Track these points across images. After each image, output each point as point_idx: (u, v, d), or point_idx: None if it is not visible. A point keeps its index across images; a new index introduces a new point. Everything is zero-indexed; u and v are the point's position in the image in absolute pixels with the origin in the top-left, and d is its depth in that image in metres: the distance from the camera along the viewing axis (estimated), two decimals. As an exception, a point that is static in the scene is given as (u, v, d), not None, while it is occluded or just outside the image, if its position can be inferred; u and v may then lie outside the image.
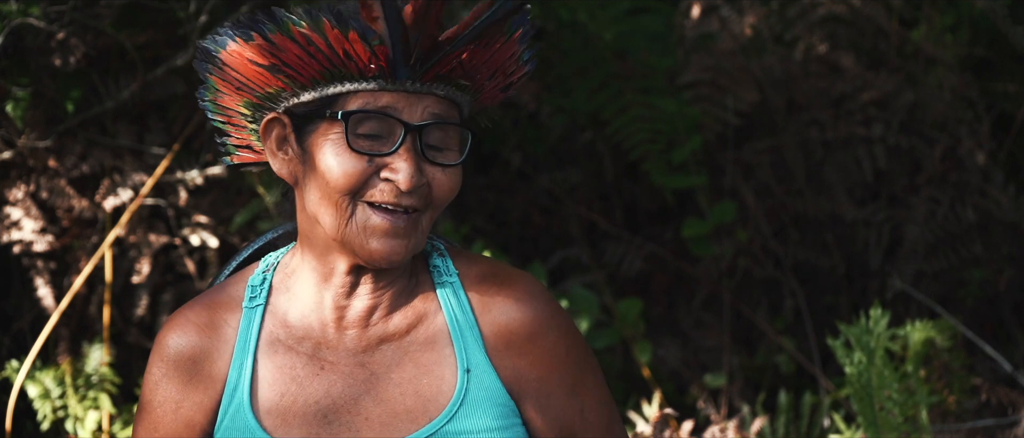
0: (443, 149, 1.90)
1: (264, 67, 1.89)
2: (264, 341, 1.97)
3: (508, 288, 1.97)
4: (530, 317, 1.95)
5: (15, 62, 3.69)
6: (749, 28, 4.83)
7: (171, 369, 1.98)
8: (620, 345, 4.48)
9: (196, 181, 4.00)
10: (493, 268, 2.00)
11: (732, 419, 4.14)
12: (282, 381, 1.95)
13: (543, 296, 1.97)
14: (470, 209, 4.76)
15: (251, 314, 1.99)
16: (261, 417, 1.94)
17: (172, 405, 1.97)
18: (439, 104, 1.89)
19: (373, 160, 1.86)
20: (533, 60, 1.98)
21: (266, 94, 1.92)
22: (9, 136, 3.84)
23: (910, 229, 4.61)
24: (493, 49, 1.90)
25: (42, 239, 3.91)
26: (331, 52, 1.85)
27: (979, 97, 4.66)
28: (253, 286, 2.01)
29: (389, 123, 1.86)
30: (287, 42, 1.86)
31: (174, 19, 3.87)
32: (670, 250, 4.74)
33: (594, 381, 2.01)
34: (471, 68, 1.90)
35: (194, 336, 1.98)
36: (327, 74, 1.87)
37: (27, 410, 3.92)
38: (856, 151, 4.69)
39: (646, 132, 4.46)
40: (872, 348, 3.39)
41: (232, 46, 1.90)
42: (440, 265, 1.99)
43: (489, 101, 1.98)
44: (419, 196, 1.88)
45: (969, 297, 4.59)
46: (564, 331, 1.98)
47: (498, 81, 1.95)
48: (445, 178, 1.90)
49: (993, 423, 3.87)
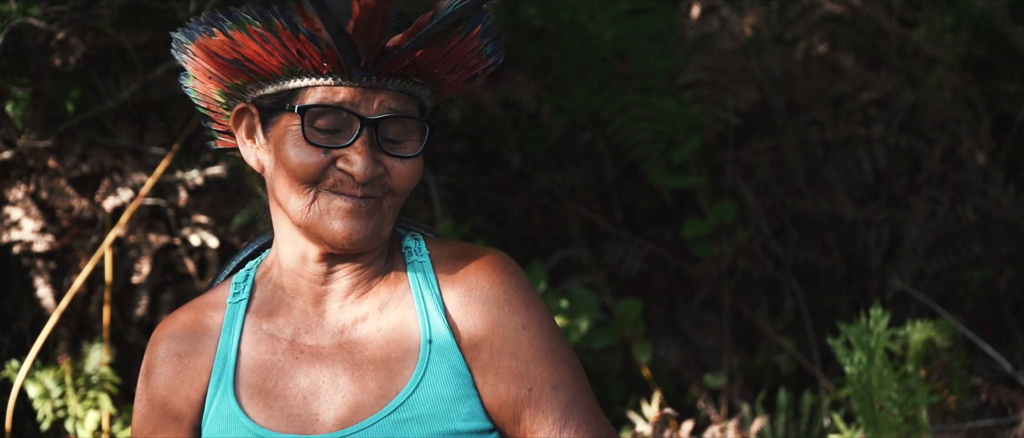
0: (402, 141, 1.95)
1: (228, 62, 1.96)
2: (247, 332, 2.03)
3: (475, 261, 2.00)
4: (488, 283, 1.98)
5: (15, 62, 3.69)
6: (749, 28, 4.83)
7: (158, 366, 2.06)
8: (620, 345, 4.48)
9: (196, 181, 4.00)
10: (465, 248, 2.04)
11: (732, 419, 4.14)
12: (264, 367, 2.01)
13: (509, 270, 2.00)
14: (470, 209, 4.76)
15: (235, 308, 2.05)
16: (244, 403, 1.99)
17: (161, 400, 2.04)
18: (396, 98, 1.93)
19: (330, 151, 1.92)
20: (500, 53, 2.01)
21: (234, 85, 1.98)
22: (9, 136, 3.83)
23: (910, 229, 4.61)
24: (448, 46, 1.94)
25: (42, 239, 3.91)
26: (286, 50, 1.91)
27: (979, 97, 4.66)
28: (237, 283, 2.08)
29: (346, 117, 1.91)
30: (246, 39, 1.92)
31: (174, 19, 3.86)
32: (670, 250, 4.74)
33: (551, 362, 1.97)
34: (426, 66, 1.94)
35: (180, 333, 2.06)
36: (286, 70, 1.93)
37: (27, 410, 3.92)
38: (856, 151, 4.69)
39: (646, 132, 4.46)
40: (872, 348, 3.39)
41: (200, 39, 1.96)
42: (412, 246, 2.04)
43: (453, 93, 2.02)
44: (376, 185, 1.93)
45: (969, 297, 4.59)
46: (523, 304, 1.98)
47: (460, 75, 1.99)
48: (404, 168, 1.95)
49: (993, 423, 3.87)
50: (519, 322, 1.97)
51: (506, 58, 2.03)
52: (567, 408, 1.96)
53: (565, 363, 1.98)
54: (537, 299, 2.00)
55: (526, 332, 1.97)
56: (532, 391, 1.95)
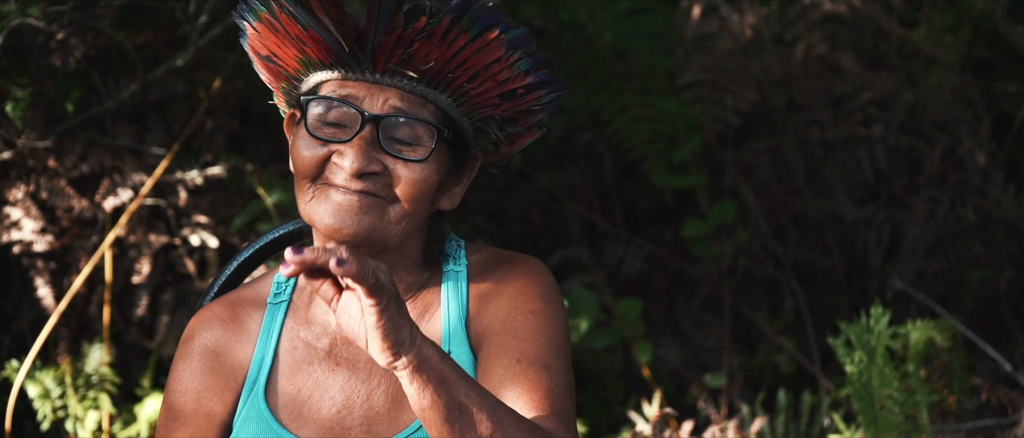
0: (413, 144, 1.88)
1: (263, 58, 1.94)
2: (285, 337, 1.99)
3: (508, 264, 1.97)
4: (511, 279, 1.95)
5: (15, 62, 3.69)
6: (749, 28, 4.83)
7: (194, 361, 2.00)
8: (620, 345, 4.48)
9: (196, 181, 4.00)
10: (505, 254, 2.00)
11: (732, 419, 4.14)
12: (300, 377, 1.97)
13: (537, 271, 1.96)
14: (470, 209, 4.76)
15: (275, 310, 2.01)
16: (278, 411, 1.96)
17: (193, 396, 1.99)
18: (405, 99, 1.88)
19: (327, 145, 1.87)
20: (544, 72, 1.94)
21: (282, 88, 1.97)
22: (9, 136, 3.83)
23: (910, 229, 4.61)
24: (455, 46, 1.87)
25: (42, 239, 3.91)
26: (291, 38, 1.88)
27: (979, 97, 4.66)
28: (278, 283, 2.04)
29: (350, 113, 1.87)
30: (265, 30, 1.90)
31: (174, 19, 3.87)
32: (670, 250, 4.74)
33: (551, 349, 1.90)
34: (427, 61, 1.87)
35: (218, 330, 2.01)
36: (302, 62, 1.90)
37: (27, 410, 3.92)
38: (856, 151, 4.69)
39: (646, 132, 4.46)
40: (873, 347, 3.39)
41: (248, 39, 1.95)
42: (451, 255, 2.00)
43: (491, 110, 1.94)
44: (373, 183, 1.87)
45: (969, 297, 4.59)
46: (539, 297, 1.93)
47: (487, 87, 1.92)
48: (407, 172, 1.88)
49: (993, 423, 3.87)
50: (529, 309, 1.92)
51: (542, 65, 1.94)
52: (549, 393, 1.86)
53: (564, 362, 1.91)
54: (557, 302, 1.95)
55: (533, 317, 1.92)
56: (520, 362, 1.88)
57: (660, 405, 4.12)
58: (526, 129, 2.00)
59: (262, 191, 4.01)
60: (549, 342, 1.91)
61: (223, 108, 4.06)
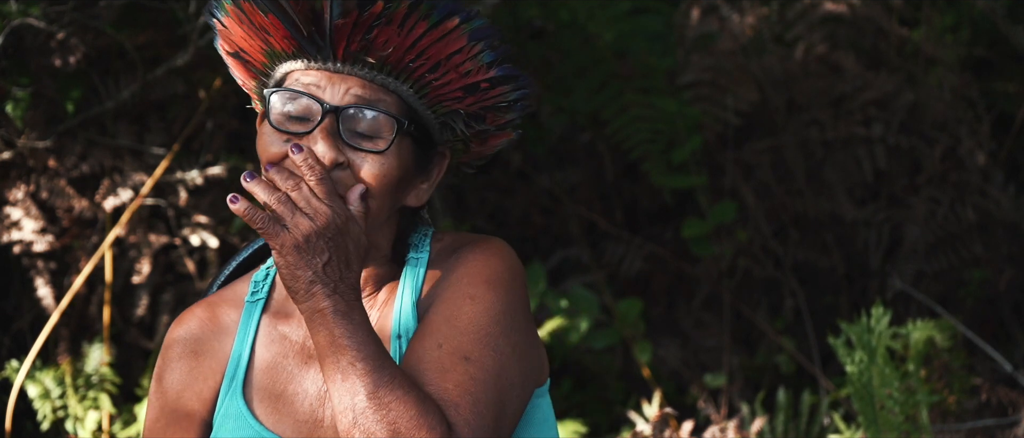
0: (373, 137, 1.86)
1: (231, 55, 1.94)
2: (262, 332, 2.00)
3: (464, 246, 1.94)
4: (463, 261, 1.91)
5: (15, 62, 3.69)
6: (749, 28, 4.83)
7: (173, 361, 2.02)
8: (620, 345, 4.48)
9: (196, 181, 4.00)
10: (468, 238, 1.97)
11: (732, 419, 4.14)
12: (275, 371, 1.98)
13: (492, 251, 1.92)
14: (470, 209, 4.76)
15: (252, 308, 2.02)
16: (254, 405, 1.97)
17: (173, 395, 2.01)
18: (366, 88, 1.87)
19: (291, 139, 1.85)
20: (507, 66, 1.92)
21: (255, 88, 1.96)
22: (9, 136, 3.83)
23: (910, 229, 4.61)
24: (414, 34, 1.85)
25: (42, 239, 3.91)
26: (255, 28, 1.87)
27: (979, 97, 4.66)
28: (256, 282, 2.05)
29: (312, 106, 1.85)
30: (232, 24, 1.90)
31: (174, 19, 3.87)
32: (670, 250, 4.74)
33: (478, 340, 1.84)
34: (386, 49, 1.85)
35: (196, 329, 2.02)
36: (268, 54, 1.89)
37: (27, 410, 3.92)
38: (856, 151, 4.69)
39: (646, 132, 4.46)
40: (873, 347, 3.39)
41: (220, 40, 1.95)
42: (416, 243, 1.99)
43: (455, 103, 1.92)
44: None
45: (969, 297, 4.59)
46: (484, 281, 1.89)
47: (450, 79, 1.90)
48: (367, 164, 1.85)
49: (993, 423, 3.87)
50: (469, 293, 1.88)
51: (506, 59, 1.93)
52: (460, 383, 1.80)
53: (492, 352, 1.84)
54: (506, 286, 1.90)
55: (471, 303, 1.87)
56: (441, 348, 1.84)
57: (660, 405, 4.12)
58: (496, 128, 1.98)
59: (262, 191, 4.01)
60: (478, 331, 1.85)
61: (223, 108, 4.07)
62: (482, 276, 1.90)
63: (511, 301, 1.90)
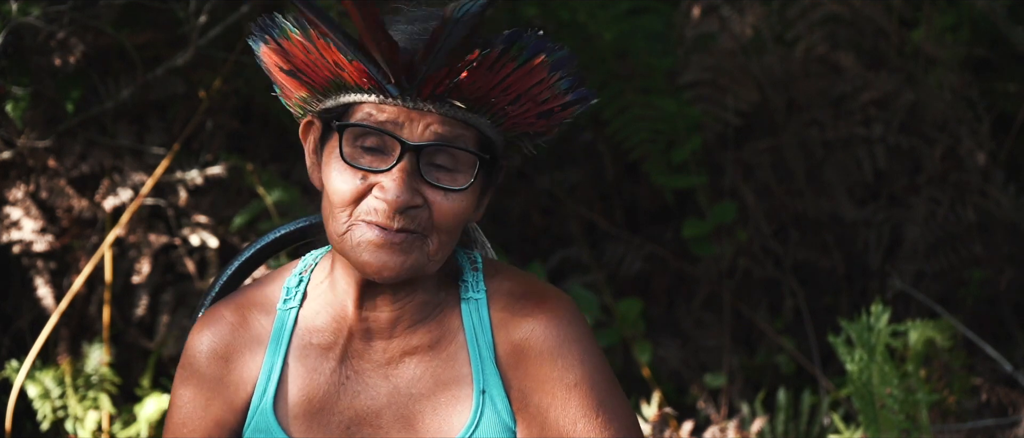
0: (452, 171, 1.84)
1: (285, 71, 1.88)
2: (295, 344, 1.95)
3: (532, 305, 1.92)
4: (544, 335, 1.89)
5: (15, 62, 3.69)
6: (749, 28, 4.83)
7: (202, 366, 1.96)
8: (620, 345, 4.48)
9: (196, 181, 4.00)
10: (526, 286, 1.95)
11: (732, 419, 4.14)
12: (309, 387, 1.93)
13: (566, 318, 1.91)
14: (470, 209, 4.76)
15: (284, 316, 1.96)
16: (287, 421, 1.92)
17: (202, 402, 1.95)
18: (445, 124, 1.82)
19: (367, 177, 1.82)
20: (581, 89, 1.89)
21: (300, 96, 1.91)
22: (9, 136, 3.84)
23: (910, 229, 4.61)
24: (502, 74, 1.82)
25: (42, 239, 3.91)
26: (325, 62, 1.82)
27: (979, 97, 4.66)
28: (289, 288, 1.98)
29: (389, 140, 1.82)
30: (293, 48, 1.85)
31: (174, 19, 3.87)
32: (670, 250, 4.74)
33: (601, 421, 1.90)
34: (476, 91, 1.82)
35: (227, 334, 1.96)
36: (333, 83, 1.85)
37: (27, 410, 3.92)
38: (856, 151, 4.69)
39: (646, 132, 4.46)
40: (873, 345, 3.39)
41: (263, 48, 1.89)
42: (469, 281, 1.95)
43: (527, 127, 1.91)
44: (412, 218, 1.82)
45: (969, 297, 4.59)
46: (578, 360, 1.90)
47: (527, 107, 1.88)
48: (446, 203, 1.84)
49: (993, 423, 3.87)
50: (572, 379, 1.89)
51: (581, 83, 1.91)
52: None
53: (615, 421, 1.90)
54: (594, 351, 1.92)
55: (577, 390, 1.89)
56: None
57: (660, 405, 4.12)
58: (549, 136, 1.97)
59: (262, 191, 4.01)
60: (599, 413, 1.91)
61: (223, 108, 4.06)
62: (574, 355, 1.92)
63: (601, 362, 1.94)
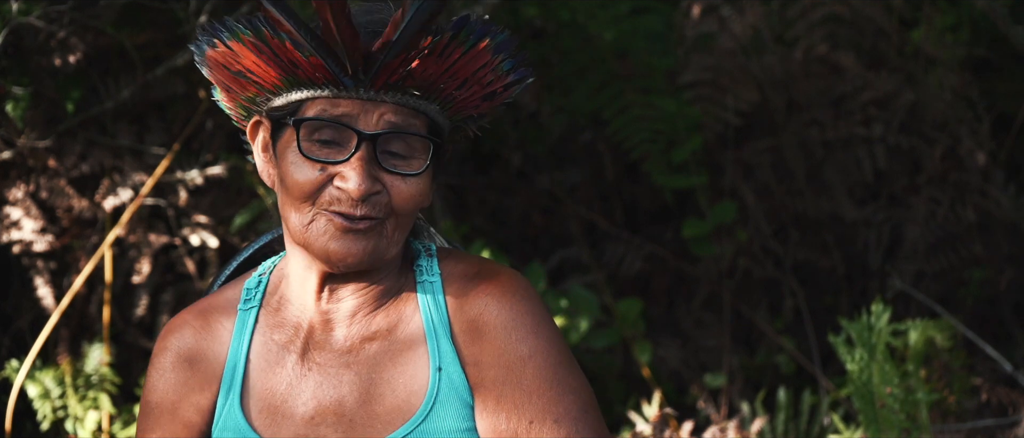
0: (406, 157, 1.90)
1: (233, 74, 1.92)
2: (257, 342, 2.00)
3: (486, 283, 1.95)
4: (497, 309, 1.93)
5: (15, 62, 3.70)
6: (749, 28, 4.83)
7: (168, 371, 2.02)
8: (620, 345, 4.48)
9: (196, 181, 4.00)
10: (479, 266, 1.99)
11: (732, 419, 4.14)
12: (273, 381, 1.98)
13: (519, 293, 1.94)
14: (470, 209, 4.76)
15: (245, 316, 2.02)
16: (252, 417, 1.97)
17: (169, 406, 2.01)
18: (398, 112, 1.88)
19: (326, 168, 1.87)
20: (521, 69, 1.94)
21: (247, 97, 1.95)
22: (9, 136, 3.84)
23: (910, 229, 4.61)
24: (450, 59, 1.88)
25: (42, 239, 3.91)
26: (279, 60, 1.87)
27: (979, 97, 4.66)
28: (248, 289, 2.04)
29: (345, 131, 1.87)
30: (243, 49, 1.88)
31: (174, 19, 3.87)
32: (670, 250, 4.75)
33: (555, 393, 1.91)
34: (426, 78, 1.88)
35: (190, 338, 2.02)
36: (286, 80, 1.89)
37: (27, 410, 3.92)
38: (856, 151, 4.69)
39: (646, 132, 4.46)
40: (874, 345, 3.39)
41: (209, 51, 1.93)
42: (424, 265, 1.99)
43: (472, 110, 1.96)
44: (373, 205, 1.88)
45: (969, 297, 4.59)
46: (531, 331, 1.92)
47: (473, 91, 1.93)
48: (405, 187, 1.90)
49: (993, 423, 3.87)
50: (525, 351, 1.91)
51: (521, 63, 1.96)
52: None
53: (571, 395, 1.91)
54: (547, 325, 1.94)
55: (532, 361, 1.91)
56: (532, 424, 1.89)
57: (660, 405, 4.12)
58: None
59: (262, 191, 4.01)
60: (554, 385, 1.91)
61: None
62: (527, 326, 1.93)
63: (551, 328, 1.95)
